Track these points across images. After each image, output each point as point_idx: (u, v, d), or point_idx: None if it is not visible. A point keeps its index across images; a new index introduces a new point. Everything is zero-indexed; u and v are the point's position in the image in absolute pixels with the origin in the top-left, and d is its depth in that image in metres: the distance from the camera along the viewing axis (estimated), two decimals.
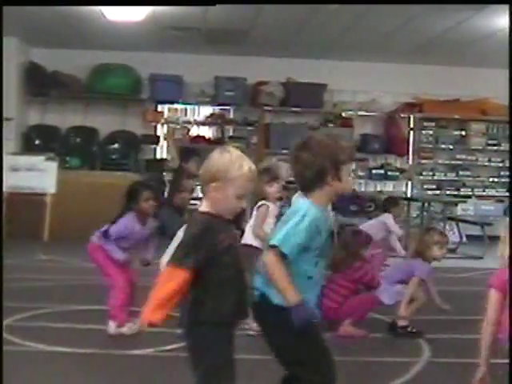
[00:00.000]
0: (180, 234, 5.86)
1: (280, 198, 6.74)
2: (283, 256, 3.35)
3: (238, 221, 7.18)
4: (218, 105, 14.51)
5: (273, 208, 6.49)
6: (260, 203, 6.44)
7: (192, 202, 8.97)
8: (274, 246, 3.37)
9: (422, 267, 6.58)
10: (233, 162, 3.32)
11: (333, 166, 3.44)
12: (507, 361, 3.47)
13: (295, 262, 3.40)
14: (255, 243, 6.35)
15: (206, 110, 14.69)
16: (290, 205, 3.79)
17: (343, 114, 14.80)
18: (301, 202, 3.49)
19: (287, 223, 3.41)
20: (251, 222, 6.53)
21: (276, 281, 3.37)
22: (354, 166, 3.44)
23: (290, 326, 3.36)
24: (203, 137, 14.51)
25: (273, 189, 6.50)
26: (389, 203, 9.86)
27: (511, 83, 8.91)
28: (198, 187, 7.16)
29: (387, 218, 9.31)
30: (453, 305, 6.91)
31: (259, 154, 13.88)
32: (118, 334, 6.08)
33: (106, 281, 6.34)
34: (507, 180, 14.58)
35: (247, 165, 3.34)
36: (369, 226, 8.90)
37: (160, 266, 6.24)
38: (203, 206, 3.38)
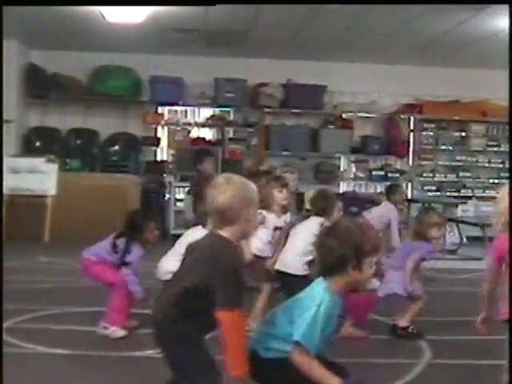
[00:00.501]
0: (184, 240, 5.89)
1: (285, 209, 6.73)
2: (307, 349, 3.35)
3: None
4: (218, 106, 14.50)
5: (271, 218, 6.50)
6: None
7: None
8: (298, 343, 3.35)
9: (423, 246, 6.57)
10: (246, 183, 3.50)
11: (355, 256, 3.41)
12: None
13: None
14: (256, 251, 6.39)
15: (206, 112, 14.69)
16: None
17: (343, 116, 14.81)
18: (317, 289, 3.46)
19: (304, 315, 3.38)
20: None
21: (310, 373, 3.36)
22: (376, 257, 3.41)
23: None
24: (203, 138, 14.51)
25: (281, 195, 6.51)
26: (388, 191, 9.77)
27: (511, 83, 8.91)
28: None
29: (390, 209, 9.19)
30: (453, 306, 6.91)
31: (259, 155, 13.89)
32: (115, 336, 6.09)
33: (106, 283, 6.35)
34: (507, 181, 14.51)
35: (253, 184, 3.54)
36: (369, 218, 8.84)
37: (159, 269, 6.25)
38: (227, 233, 3.45)
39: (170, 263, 5.68)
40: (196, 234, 4.90)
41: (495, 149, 15.30)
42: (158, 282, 6.02)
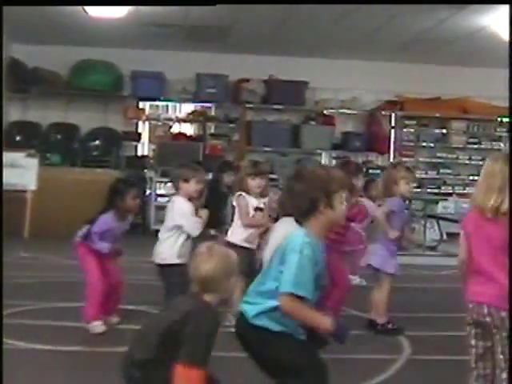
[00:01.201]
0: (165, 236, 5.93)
1: (263, 194, 6.73)
2: (300, 298, 3.38)
3: (216, 219, 7.20)
4: (200, 102, 14.49)
5: (251, 200, 6.49)
6: (237, 194, 6.48)
7: None
8: (288, 294, 3.37)
9: (393, 201, 6.57)
10: (227, 254, 3.62)
11: (325, 195, 3.51)
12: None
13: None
14: (241, 242, 6.38)
15: (187, 107, 14.67)
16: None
17: (325, 112, 14.83)
18: (295, 235, 3.53)
19: (288, 264, 3.41)
20: (235, 218, 6.57)
21: (306, 321, 3.45)
22: (346, 194, 3.49)
23: (287, 345, 3.48)
24: (184, 134, 14.50)
25: (254, 182, 6.49)
26: (364, 187, 9.75)
27: (511, 83, 8.90)
28: None
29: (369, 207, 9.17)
30: (433, 302, 6.94)
31: (240, 151, 13.89)
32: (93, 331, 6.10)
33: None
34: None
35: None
36: None
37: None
38: (209, 298, 3.52)
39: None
40: None
41: (475, 146, 15.37)
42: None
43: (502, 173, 3.67)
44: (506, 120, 15.29)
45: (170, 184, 8.72)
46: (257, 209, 6.63)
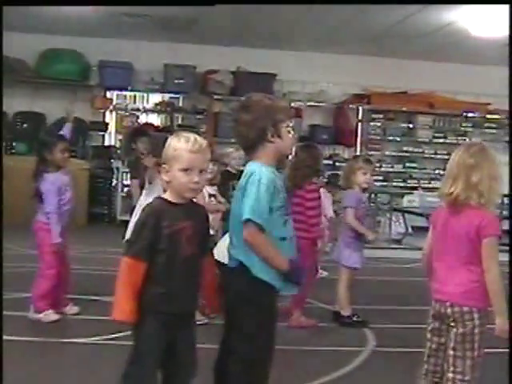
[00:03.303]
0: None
1: (212, 182, 6.74)
2: (259, 227, 3.40)
3: None
4: (168, 92, 14.45)
5: (205, 187, 6.50)
6: None
7: None
8: (247, 221, 3.40)
9: (350, 196, 6.62)
10: (173, 139, 3.42)
11: (272, 124, 3.54)
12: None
13: (267, 227, 3.44)
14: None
15: (155, 98, 14.63)
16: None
17: (292, 104, 14.85)
18: (251, 168, 3.55)
19: (247, 193, 3.44)
20: None
21: (262, 252, 3.44)
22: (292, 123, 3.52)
23: (258, 301, 3.48)
24: (152, 124, 14.44)
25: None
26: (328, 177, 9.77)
27: (511, 84, 8.95)
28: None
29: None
30: (398, 295, 7.00)
31: (208, 142, 13.84)
32: (37, 320, 6.09)
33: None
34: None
35: (187, 138, 3.40)
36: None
37: None
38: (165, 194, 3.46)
39: None
40: None
41: (441, 140, 15.51)
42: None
43: (459, 161, 3.63)
44: (471, 115, 15.46)
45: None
46: (210, 195, 6.67)
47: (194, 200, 3.53)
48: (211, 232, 6.39)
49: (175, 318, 3.38)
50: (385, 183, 15.13)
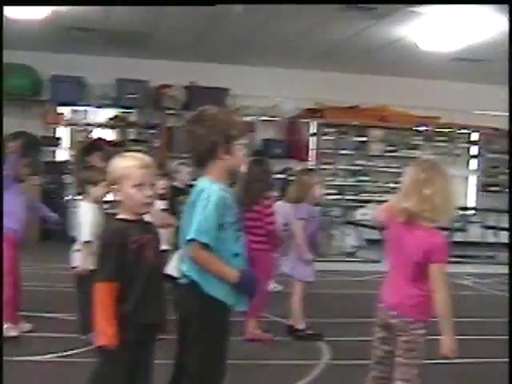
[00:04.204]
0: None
1: (163, 197, 6.73)
2: (205, 245, 3.38)
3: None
4: (121, 107, 14.38)
5: (157, 202, 6.48)
6: None
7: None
8: (191, 240, 3.38)
9: (302, 209, 6.64)
10: (119, 159, 3.44)
11: (225, 141, 3.49)
12: None
13: (217, 244, 3.42)
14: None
15: (108, 113, 14.55)
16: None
17: (245, 119, 14.88)
18: (201, 184, 3.51)
19: (196, 211, 3.41)
20: None
21: (210, 270, 3.42)
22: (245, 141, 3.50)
23: (210, 318, 3.46)
24: (105, 139, 14.35)
25: (160, 184, 6.47)
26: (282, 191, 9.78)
27: (511, 86, 9.02)
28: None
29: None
30: (352, 307, 7.03)
31: (162, 157, 13.81)
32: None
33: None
34: None
35: (133, 156, 3.45)
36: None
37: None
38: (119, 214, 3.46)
39: None
40: None
41: (394, 154, 15.66)
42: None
43: (412, 177, 3.71)
44: (422, 128, 15.65)
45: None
46: (163, 210, 6.66)
47: (148, 214, 3.54)
48: (166, 247, 6.41)
49: (147, 330, 3.41)
50: (338, 197, 15.20)
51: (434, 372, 5.43)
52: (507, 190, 16.37)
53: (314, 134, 15.37)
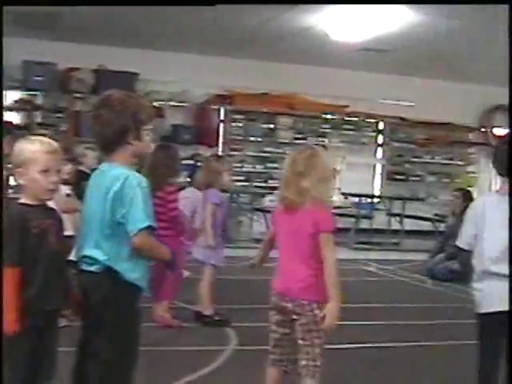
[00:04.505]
0: None
1: (67, 182, 6.66)
2: (153, 230, 3.40)
3: None
4: (27, 90, 14.08)
5: (61, 187, 6.41)
6: None
7: None
8: (146, 228, 3.35)
9: (213, 194, 6.69)
10: (24, 143, 3.38)
11: (134, 125, 3.45)
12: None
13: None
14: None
15: (13, 95, 14.22)
16: None
17: (154, 104, 14.77)
18: (119, 170, 3.42)
19: (133, 200, 3.35)
20: None
21: (155, 253, 3.46)
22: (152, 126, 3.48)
23: (127, 304, 3.46)
24: (11, 122, 14.02)
25: (65, 169, 6.40)
26: (191, 177, 9.79)
27: (511, 84, 9.11)
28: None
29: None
30: (258, 293, 7.07)
31: (68, 141, 13.60)
32: None
33: None
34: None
35: (41, 140, 3.39)
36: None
37: None
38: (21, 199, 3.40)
39: None
40: None
41: (302, 141, 15.79)
42: None
43: (289, 168, 3.87)
44: (330, 117, 15.85)
45: None
46: (68, 195, 6.60)
47: (52, 200, 3.51)
48: (70, 232, 6.33)
49: (50, 317, 3.38)
50: (246, 183, 15.27)
51: (344, 356, 5.56)
52: (411, 178, 16.80)
53: (223, 121, 15.39)
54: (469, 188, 16.70)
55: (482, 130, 17.31)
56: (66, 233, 3.63)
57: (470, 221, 4.16)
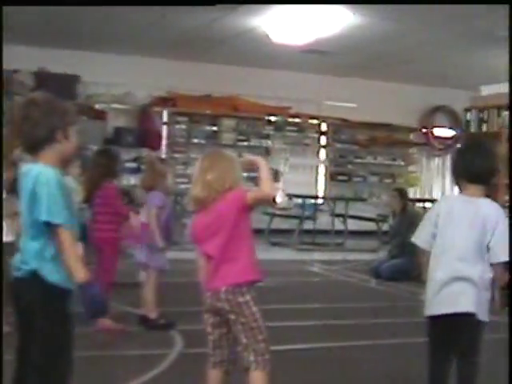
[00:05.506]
0: None
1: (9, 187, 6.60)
2: (63, 226, 3.32)
3: None
4: None
5: None
6: None
7: None
8: (59, 225, 3.30)
9: (156, 196, 6.66)
10: None
11: (62, 125, 3.46)
12: None
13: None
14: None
15: None
16: None
17: (97, 107, 14.66)
18: (35, 170, 3.38)
19: (37, 198, 3.32)
20: None
21: (70, 257, 3.35)
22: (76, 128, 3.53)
23: (54, 307, 3.39)
24: None
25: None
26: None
27: (511, 83, 9.14)
28: None
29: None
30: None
31: (9, 145, 13.40)
32: None
33: None
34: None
35: None
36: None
37: None
38: None
39: None
40: None
41: (245, 143, 15.85)
42: None
43: (197, 166, 4.08)
44: (273, 118, 15.91)
45: None
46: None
47: None
48: (10, 238, 6.25)
49: None
50: (189, 185, 15.15)
51: (284, 358, 5.56)
52: (354, 178, 16.96)
53: (166, 123, 15.34)
54: (411, 187, 17.03)
55: (423, 130, 17.56)
56: (6, 238, 3.58)
57: (429, 220, 4.16)
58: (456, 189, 4.25)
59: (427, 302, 4.08)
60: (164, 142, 15.29)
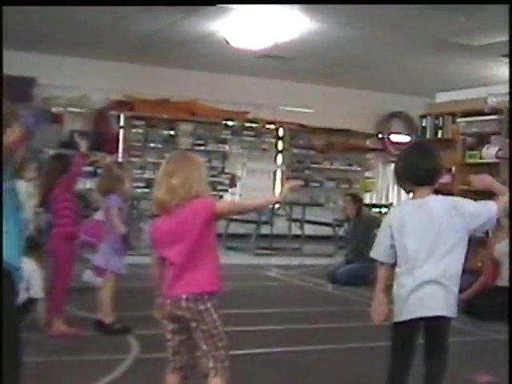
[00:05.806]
0: None
1: None
2: None
3: None
4: None
5: None
6: None
7: None
8: None
9: (114, 198, 6.64)
10: None
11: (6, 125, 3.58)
12: None
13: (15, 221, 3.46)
14: None
15: None
16: None
17: (53, 110, 14.53)
18: None
19: None
20: None
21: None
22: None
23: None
24: None
25: None
26: None
27: (511, 83, 9.13)
28: None
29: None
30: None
31: None
32: None
33: None
34: (222, 180, 15.37)
35: None
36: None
37: None
38: None
39: None
40: None
41: (202, 148, 15.82)
42: None
43: (161, 170, 3.97)
44: (230, 123, 15.91)
45: None
46: None
47: None
48: None
49: None
50: (146, 190, 15.14)
51: (242, 361, 5.55)
52: (311, 183, 17.03)
53: (123, 127, 15.25)
54: (368, 193, 17.18)
55: (379, 136, 17.70)
56: None
57: (383, 232, 4.12)
58: (403, 194, 4.23)
59: (396, 310, 4.05)
60: (121, 145, 15.20)
